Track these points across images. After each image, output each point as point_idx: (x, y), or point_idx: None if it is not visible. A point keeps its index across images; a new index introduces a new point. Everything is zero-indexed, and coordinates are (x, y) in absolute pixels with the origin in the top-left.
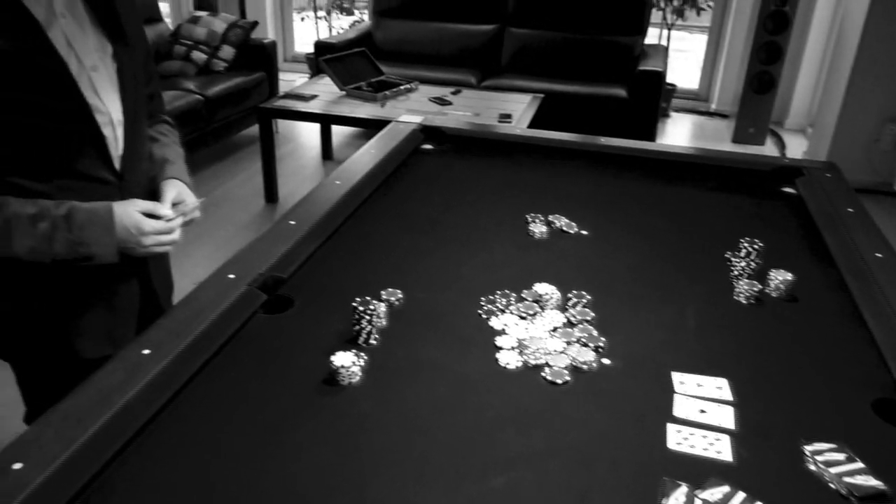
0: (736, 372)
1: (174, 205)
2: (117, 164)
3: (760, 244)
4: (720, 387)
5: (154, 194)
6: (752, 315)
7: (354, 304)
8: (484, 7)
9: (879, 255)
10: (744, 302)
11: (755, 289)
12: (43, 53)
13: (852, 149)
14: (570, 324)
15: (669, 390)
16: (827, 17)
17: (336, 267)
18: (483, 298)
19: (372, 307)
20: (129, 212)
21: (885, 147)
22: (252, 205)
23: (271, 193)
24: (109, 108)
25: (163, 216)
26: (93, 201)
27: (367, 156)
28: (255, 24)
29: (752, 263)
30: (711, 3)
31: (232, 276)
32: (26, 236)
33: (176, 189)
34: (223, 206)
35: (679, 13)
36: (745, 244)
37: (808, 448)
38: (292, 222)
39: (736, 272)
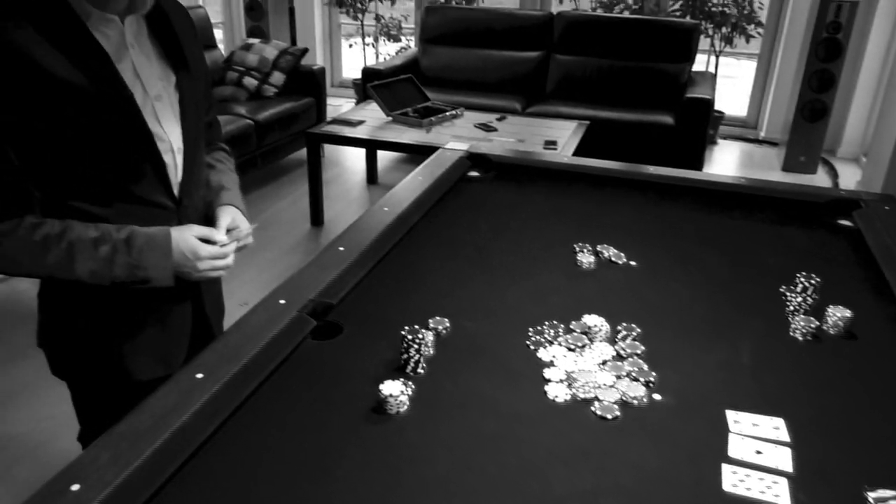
0: (794, 411)
1: (229, 230)
2: (176, 191)
3: (817, 279)
4: (777, 427)
5: (209, 219)
6: (809, 352)
7: (403, 332)
8: (529, 35)
9: None
10: (800, 339)
11: (812, 325)
12: (111, 84)
13: None
14: (619, 357)
15: (724, 429)
16: (882, 45)
17: (384, 294)
18: (531, 329)
19: (420, 336)
20: (186, 237)
21: None
22: (298, 228)
23: (317, 217)
24: (170, 136)
25: (217, 241)
26: (151, 226)
27: (415, 182)
28: (305, 51)
29: (808, 299)
30: (761, 31)
31: (283, 301)
32: (88, 259)
33: (231, 215)
34: (270, 228)
35: (728, 40)
36: (802, 279)
37: (871, 495)
38: (341, 248)
39: (792, 307)
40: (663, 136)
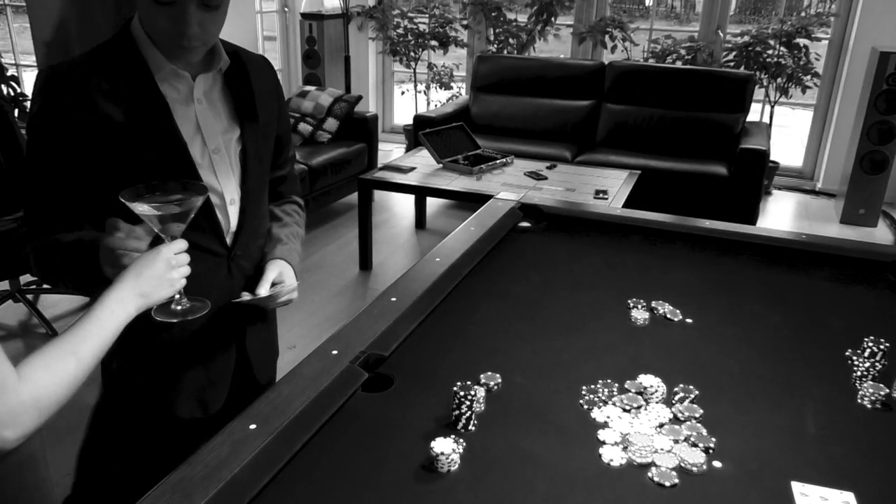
0: (864, 484)
1: (274, 284)
2: (228, 239)
3: (887, 344)
4: (847, 501)
5: (261, 270)
6: (878, 421)
7: (455, 388)
8: (580, 84)
9: None
10: (868, 406)
11: (882, 392)
12: (167, 135)
13: None
14: (676, 420)
15: (790, 501)
16: None
17: (435, 346)
18: (584, 388)
19: (472, 392)
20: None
21: None
22: (347, 272)
23: (366, 261)
24: (224, 189)
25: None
26: (202, 271)
27: (467, 233)
28: (358, 98)
29: (877, 364)
30: (817, 82)
31: (335, 351)
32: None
33: (279, 269)
34: (318, 272)
35: (783, 91)
36: (870, 343)
37: None
38: (393, 299)
39: (859, 373)
40: (717, 186)
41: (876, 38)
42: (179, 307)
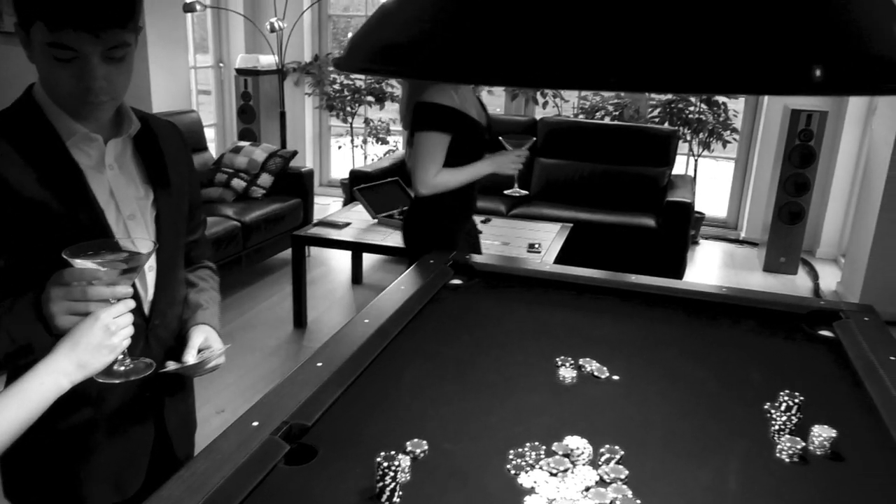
0: None
1: (200, 350)
2: (146, 308)
3: (801, 397)
4: None
5: (183, 338)
6: (796, 475)
7: (378, 458)
8: None
9: None
10: (787, 460)
11: (798, 446)
12: (82, 204)
13: (887, 281)
14: (602, 482)
15: None
16: (852, 151)
17: (361, 413)
18: (512, 452)
19: (396, 462)
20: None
21: None
22: (280, 330)
23: (300, 318)
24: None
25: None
26: None
27: (398, 292)
28: (294, 153)
29: (793, 418)
30: (737, 137)
31: (255, 423)
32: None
33: (204, 334)
34: (251, 330)
35: (705, 145)
36: (786, 398)
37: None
38: (319, 364)
39: (777, 426)
40: (646, 238)
41: (791, 97)
42: (122, 368)
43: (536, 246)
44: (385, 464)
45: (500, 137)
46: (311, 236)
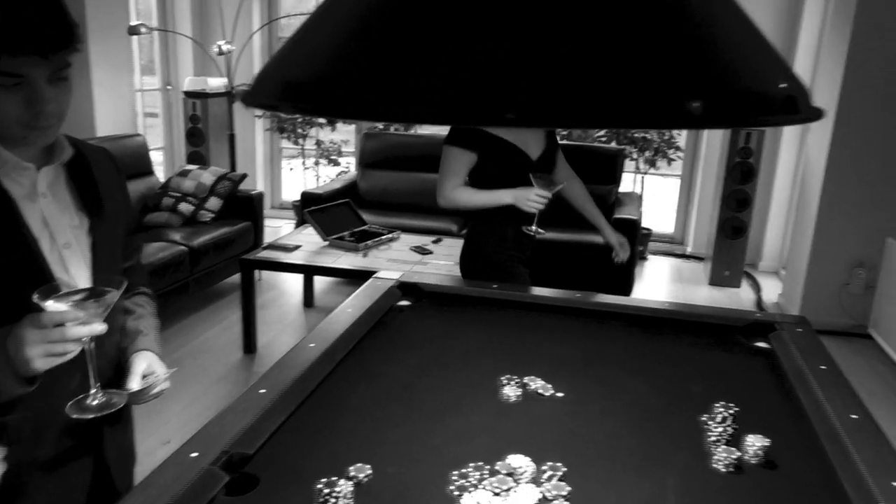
0: None
1: (144, 377)
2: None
3: (736, 408)
4: None
5: (123, 366)
6: (731, 485)
7: (319, 485)
8: None
9: (854, 417)
10: (723, 470)
11: (733, 456)
12: (15, 233)
13: (824, 292)
14: (545, 500)
15: None
16: (790, 168)
17: (305, 439)
18: (455, 473)
19: (338, 489)
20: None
21: (855, 291)
22: (230, 356)
23: (250, 344)
24: (77, 283)
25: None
26: (57, 371)
27: (344, 315)
28: (243, 176)
29: (728, 429)
30: (681, 154)
31: (195, 454)
32: None
33: (146, 361)
34: (199, 357)
35: (651, 163)
36: (721, 409)
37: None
38: (262, 390)
39: (713, 438)
40: (595, 255)
41: None
42: (95, 402)
43: None
44: (326, 490)
45: (531, 174)
46: (259, 260)
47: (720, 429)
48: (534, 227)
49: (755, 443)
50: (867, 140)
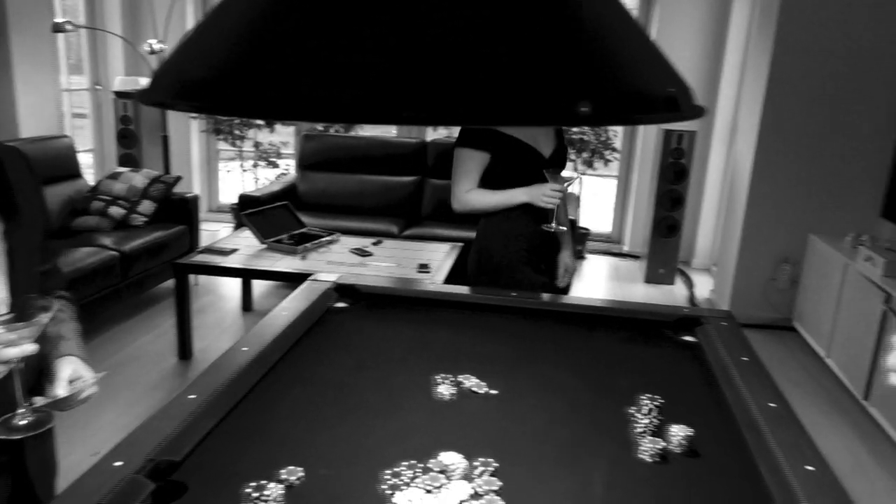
0: None
1: (70, 382)
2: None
3: (661, 400)
4: None
5: (45, 373)
6: (656, 474)
7: (248, 490)
8: (405, 161)
9: (773, 406)
10: (648, 460)
11: (658, 446)
12: None
13: (752, 287)
14: (476, 495)
15: None
16: (720, 169)
17: (236, 444)
18: (388, 472)
19: (267, 492)
20: None
21: (781, 286)
22: (164, 362)
23: (185, 350)
24: None
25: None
26: None
27: (279, 318)
28: (178, 178)
29: (654, 420)
30: (617, 155)
31: (119, 462)
32: None
33: (71, 366)
34: (132, 364)
35: (588, 164)
36: (647, 401)
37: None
38: (192, 396)
39: (640, 429)
40: None
41: None
42: (24, 422)
43: (426, 267)
44: (255, 494)
45: (545, 170)
46: (194, 264)
47: (646, 420)
48: (553, 224)
49: (679, 433)
50: (790, 142)
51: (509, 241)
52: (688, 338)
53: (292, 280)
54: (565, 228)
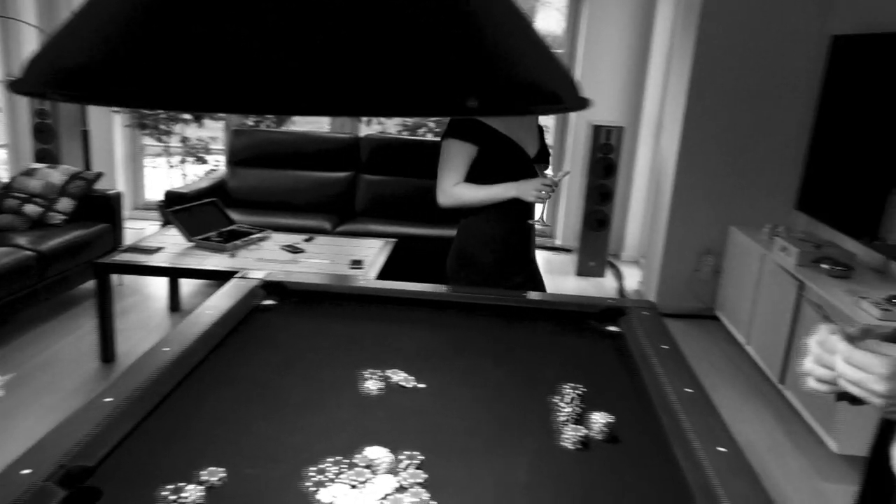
0: None
1: None
2: None
3: (583, 388)
4: None
5: None
6: (579, 461)
7: (164, 492)
8: (338, 156)
9: (689, 391)
10: (571, 447)
11: (580, 434)
12: None
13: (677, 278)
14: (401, 488)
15: None
16: (647, 164)
17: (156, 447)
18: (313, 469)
19: (185, 494)
20: None
21: (704, 276)
22: (85, 366)
23: (108, 352)
24: None
25: None
26: None
27: (203, 317)
28: (98, 175)
29: (576, 408)
30: (550, 150)
31: (27, 471)
32: None
33: None
34: (52, 368)
35: None
36: (569, 390)
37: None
38: (108, 399)
39: (563, 417)
40: None
41: (592, 112)
42: None
43: (358, 263)
44: (172, 497)
45: (536, 164)
46: (116, 263)
47: (569, 409)
48: (541, 219)
49: (600, 420)
50: (712, 138)
51: (488, 242)
52: (612, 328)
53: (221, 278)
54: (550, 224)
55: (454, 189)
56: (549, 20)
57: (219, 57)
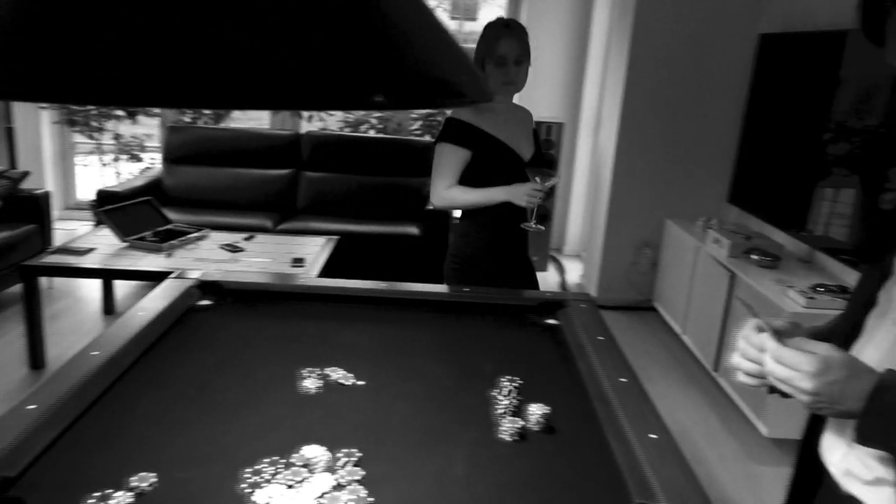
0: None
1: None
2: None
3: (521, 381)
4: None
5: None
6: (516, 452)
7: (91, 500)
8: (279, 153)
9: (623, 380)
10: (508, 439)
11: (517, 425)
12: None
13: (616, 271)
14: (339, 486)
15: None
16: (587, 159)
17: (83, 453)
18: (248, 470)
19: (112, 502)
20: None
21: (642, 269)
22: (13, 373)
23: (37, 359)
24: None
25: None
26: None
27: (135, 319)
28: (25, 174)
29: (513, 401)
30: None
31: None
32: None
33: None
34: None
35: None
36: (507, 383)
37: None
38: (32, 406)
39: (500, 410)
40: (410, 245)
41: (532, 108)
42: None
43: (300, 261)
44: None
45: (526, 168)
46: (44, 265)
47: (506, 401)
48: (533, 223)
49: (537, 411)
50: (648, 134)
51: (484, 245)
52: (550, 321)
53: (157, 279)
54: (543, 228)
55: (447, 192)
56: (490, 17)
57: (119, 50)
